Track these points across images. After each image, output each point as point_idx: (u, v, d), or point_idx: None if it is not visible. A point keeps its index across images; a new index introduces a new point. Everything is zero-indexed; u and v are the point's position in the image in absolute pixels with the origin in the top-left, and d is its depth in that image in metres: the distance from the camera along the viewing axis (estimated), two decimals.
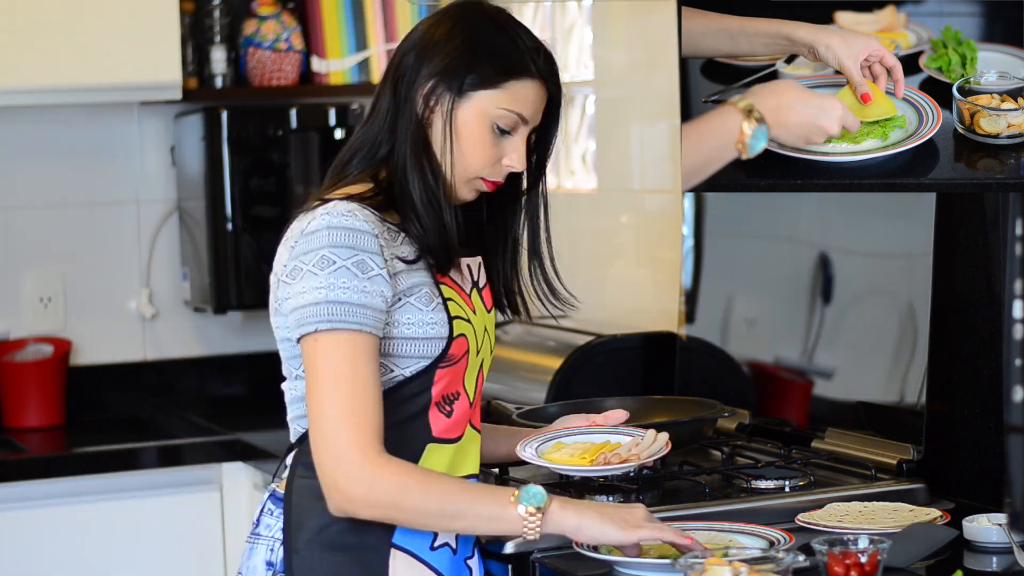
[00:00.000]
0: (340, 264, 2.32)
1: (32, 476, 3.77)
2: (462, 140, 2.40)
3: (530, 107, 2.42)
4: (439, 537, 2.41)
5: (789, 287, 3.20)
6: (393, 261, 2.35)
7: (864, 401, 3.01)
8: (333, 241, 2.32)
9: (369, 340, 2.31)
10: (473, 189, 2.44)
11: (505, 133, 2.42)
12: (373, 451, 2.28)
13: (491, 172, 2.43)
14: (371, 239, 2.33)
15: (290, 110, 4.21)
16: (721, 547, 2.39)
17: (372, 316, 2.32)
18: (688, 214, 3.46)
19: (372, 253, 2.33)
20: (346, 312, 2.31)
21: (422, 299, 2.37)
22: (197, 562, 3.86)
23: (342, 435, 2.28)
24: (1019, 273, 1.85)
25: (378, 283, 2.32)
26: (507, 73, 2.40)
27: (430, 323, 2.37)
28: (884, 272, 3.00)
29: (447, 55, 2.40)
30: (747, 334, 3.36)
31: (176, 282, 4.40)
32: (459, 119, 2.40)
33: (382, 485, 2.27)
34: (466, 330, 2.42)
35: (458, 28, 2.42)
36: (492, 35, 2.41)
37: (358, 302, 2.31)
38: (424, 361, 2.38)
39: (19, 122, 4.25)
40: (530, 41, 2.43)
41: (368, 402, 2.29)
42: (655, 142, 3.80)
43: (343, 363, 2.30)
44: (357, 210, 2.35)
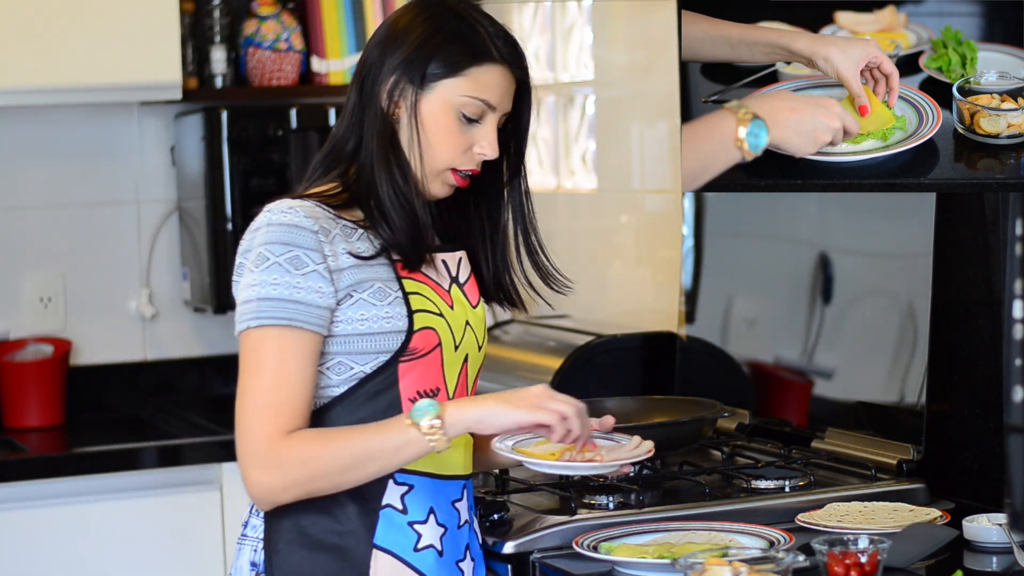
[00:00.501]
0: (273, 261, 2.33)
1: (32, 476, 3.77)
2: (428, 132, 2.39)
3: (495, 93, 2.40)
4: (423, 538, 2.38)
5: (789, 287, 3.20)
6: (339, 257, 2.34)
7: (864, 401, 3.01)
8: (269, 238, 2.34)
9: (301, 336, 2.31)
10: (444, 184, 2.42)
11: (473, 121, 2.40)
12: (280, 435, 2.28)
13: (462, 162, 2.41)
14: (309, 235, 2.33)
15: (290, 110, 4.21)
16: (721, 547, 2.39)
17: (305, 312, 2.31)
18: (688, 214, 3.46)
19: (308, 249, 2.33)
20: (275, 308, 2.31)
21: (375, 294, 2.36)
22: (197, 562, 3.86)
23: (256, 428, 2.29)
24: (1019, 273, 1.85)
25: (313, 279, 2.32)
26: (468, 59, 2.38)
27: (385, 317, 2.35)
28: (884, 272, 3.00)
29: (407, 47, 2.39)
30: (747, 334, 3.36)
31: (176, 282, 4.40)
32: (423, 111, 2.39)
33: (290, 463, 2.28)
34: (436, 324, 2.39)
35: (418, 20, 2.41)
36: (451, 23, 2.40)
37: (289, 298, 2.31)
38: (383, 356, 2.36)
39: (19, 122, 4.25)
40: (491, 27, 2.42)
41: (287, 394, 2.29)
42: (655, 142, 3.79)
43: (268, 358, 2.31)
44: (300, 207, 2.35)
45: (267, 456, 2.29)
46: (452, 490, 2.43)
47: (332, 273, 2.34)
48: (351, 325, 2.35)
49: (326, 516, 2.36)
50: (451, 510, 2.42)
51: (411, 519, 2.38)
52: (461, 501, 2.45)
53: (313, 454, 2.28)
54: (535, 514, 2.64)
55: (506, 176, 2.49)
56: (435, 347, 2.39)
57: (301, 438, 2.29)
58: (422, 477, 2.39)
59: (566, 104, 4.18)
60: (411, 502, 2.38)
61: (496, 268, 2.51)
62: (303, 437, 2.29)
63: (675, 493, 2.82)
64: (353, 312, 2.35)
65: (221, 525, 3.87)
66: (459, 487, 2.45)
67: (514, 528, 2.60)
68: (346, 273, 2.35)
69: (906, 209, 2.91)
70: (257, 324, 2.32)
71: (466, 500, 2.47)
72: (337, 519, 2.36)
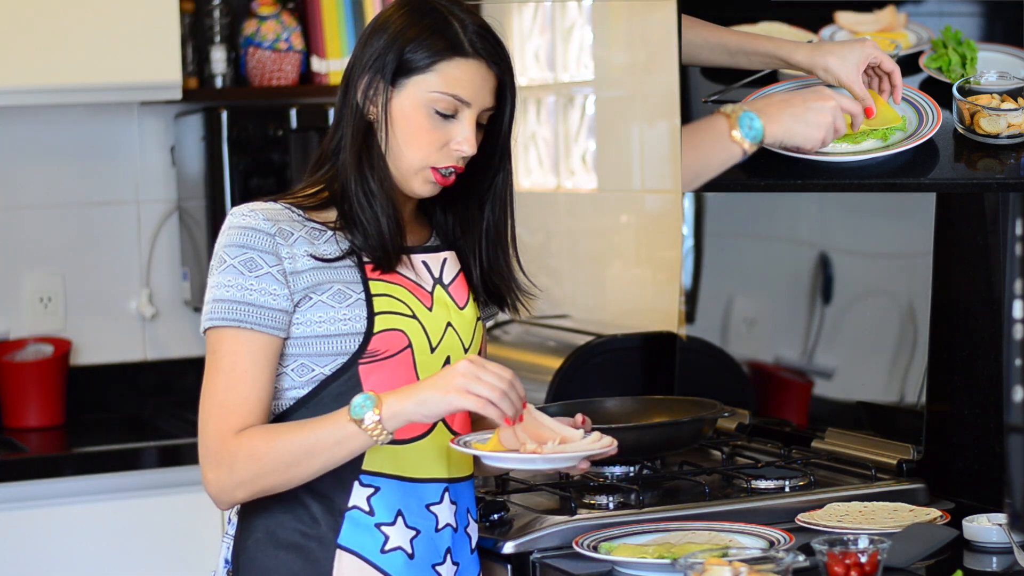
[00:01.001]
0: (229, 263, 2.34)
1: (32, 476, 3.77)
2: (402, 129, 2.37)
3: (468, 88, 2.36)
4: (390, 540, 2.37)
5: (789, 287, 3.20)
6: (297, 260, 2.34)
7: (864, 401, 3.01)
8: (228, 240, 2.35)
9: (253, 337, 2.32)
10: (426, 181, 2.39)
11: (448, 117, 2.37)
12: (230, 435, 2.30)
13: (438, 159, 2.37)
14: (264, 238, 2.33)
15: (290, 110, 4.21)
16: (721, 547, 2.39)
17: (257, 314, 2.32)
18: (688, 214, 3.46)
19: (262, 252, 2.33)
20: (228, 310, 2.33)
21: (334, 296, 2.35)
22: (197, 562, 3.86)
23: (209, 426, 2.32)
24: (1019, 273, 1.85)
25: (266, 281, 2.32)
26: (437, 54, 2.35)
27: (343, 319, 2.34)
28: (884, 272, 3.00)
29: (379, 46, 2.37)
30: (747, 334, 3.36)
31: (176, 282, 4.40)
32: (396, 108, 2.37)
33: (239, 460, 2.30)
34: (405, 325, 2.37)
35: (396, 15, 2.39)
36: (424, 19, 2.37)
37: (242, 300, 2.32)
38: (341, 358, 2.35)
39: (19, 122, 4.25)
40: (468, 20, 2.37)
41: (240, 394, 2.31)
42: (655, 142, 3.79)
43: (223, 359, 2.33)
44: (262, 209, 2.35)
45: (218, 454, 2.31)
46: (427, 493, 2.41)
47: (288, 276, 2.34)
48: (309, 327, 2.35)
49: (294, 517, 2.37)
50: (425, 513, 2.40)
51: (378, 521, 2.37)
52: (439, 504, 2.41)
53: (259, 451, 2.29)
54: (535, 514, 2.64)
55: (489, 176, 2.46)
56: (403, 349, 2.37)
57: (248, 435, 2.30)
58: (389, 479, 2.38)
59: (566, 104, 4.18)
60: (377, 504, 2.37)
61: (483, 268, 2.49)
62: (250, 434, 2.30)
63: (675, 493, 2.82)
64: (311, 314, 2.35)
65: (221, 525, 3.87)
66: (436, 490, 2.41)
67: (514, 528, 2.60)
68: (304, 275, 2.34)
69: (906, 209, 2.91)
70: (211, 325, 2.34)
71: (448, 504, 2.43)
72: (304, 520, 2.37)
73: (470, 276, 2.49)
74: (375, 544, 2.37)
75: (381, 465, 2.37)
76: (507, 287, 2.50)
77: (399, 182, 2.40)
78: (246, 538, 2.40)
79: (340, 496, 2.36)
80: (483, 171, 2.46)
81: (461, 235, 2.48)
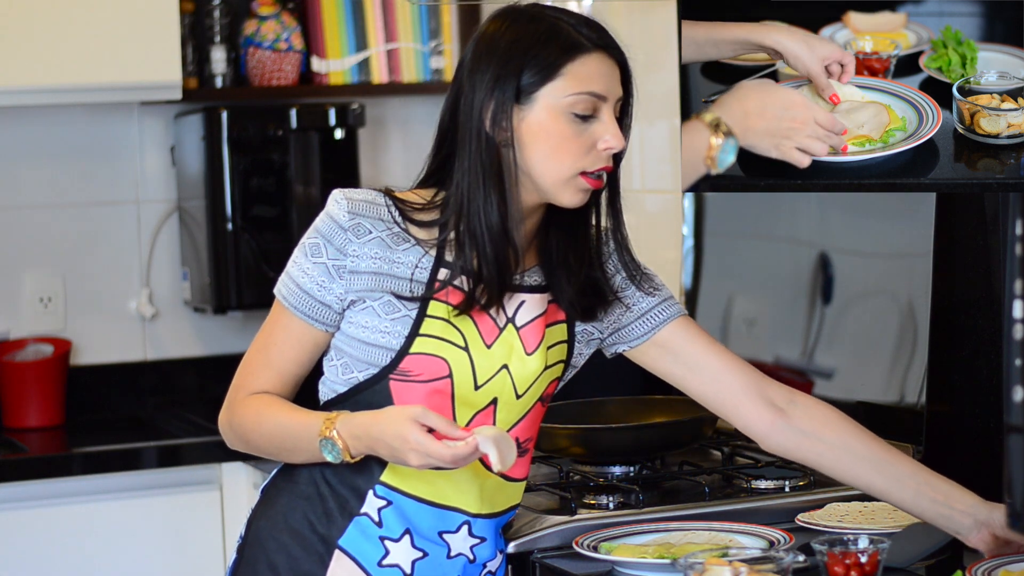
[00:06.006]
0: (304, 243, 2.38)
1: (32, 476, 3.77)
2: (543, 143, 2.27)
3: (600, 82, 2.29)
4: (390, 555, 2.37)
5: (789, 287, 3.20)
6: (363, 259, 2.31)
7: (864, 401, 3.01)
8: (315, 222, 2.38)
9: (293, 319, 2.38)
10: (578, 190, 2.29)
11: (589, 118, 2.28)
12: (242, 392, 2.40)
13: (589, 163, 2.28)
14: (336, 230, 2.33)
15: (290, 110, 4.20)
16: (721, 547, 2.39)
17: (300, 299, 2.36)
18: (688, 214, 3.46)
19: (329, 242, 2.34)
20: (284, 286, 2.39)
21: (385, 306, 2.32)
22: (197, 562, 3.86)
23: (236, 378, 2.43)
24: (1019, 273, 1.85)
25: (320, 270, 2.34)
26: (559, 58, 2.27)
27: (383, 331, 2.32)
28: (884, 272, 3.00)
29: (495, 67, 2.27)
30: (747, 334, 3.36)
31: (176, 282, 4.40)
32: (531, 124, 2.27)
33: (237, 422, 2.40)
34: (449, 354, 2.32)
35: (500, 32, 2.30)
36: (531, 29, 2.29)
37: (296, 281, 2.37)
38: (372, 368, 2.34)
39: (19, 122, 4.25)
40: (571, 18, 2.31)
41: (261, 362, 2.40)
42: (655, 142, 3.80)
43: (269, 324, 2.42)
44: (355, 200, 2.34)
45: (229, 407, 2.42)
46: (443, 520, 2.39)
47: (347, 273, 2.32)
48: (355, 329, 2.35)
49: (309, 506, 2.39)
50: (437, 540, 2.39)
51: (383, 533, 2.37)
52: (454, 534, 2.39)
53: (247, 427, 2.39)
54: (535, 514, 2.64)
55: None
56: (442, 377, 2.33)
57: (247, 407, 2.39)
58: (405, 497, 2.37)
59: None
60: (387, 517, 2.37)
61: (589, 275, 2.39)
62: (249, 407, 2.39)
63: (675, 493, 2.82)
64: (360, 317, 2.34)
65: (221, 525, 3.87)
66: (455, 520, 2.39)
67: (514, 528, 2.60)
68: (364, 277, 2.32)
69: (906, 209, 2.91)
70: (275, 293, 2.41)
71: (465, 535, 2.40)
72: (317, 512, 2.39)
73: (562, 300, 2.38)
74: (374, 555, 2.37)
75: (401, 482, 2.36)
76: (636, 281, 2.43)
77: (548, 196, 2.30)
78: (261, 515, 2.44)
79: (355, 500, 2.37)
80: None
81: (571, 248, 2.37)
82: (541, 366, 2.39)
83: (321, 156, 4.21)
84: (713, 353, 2.47)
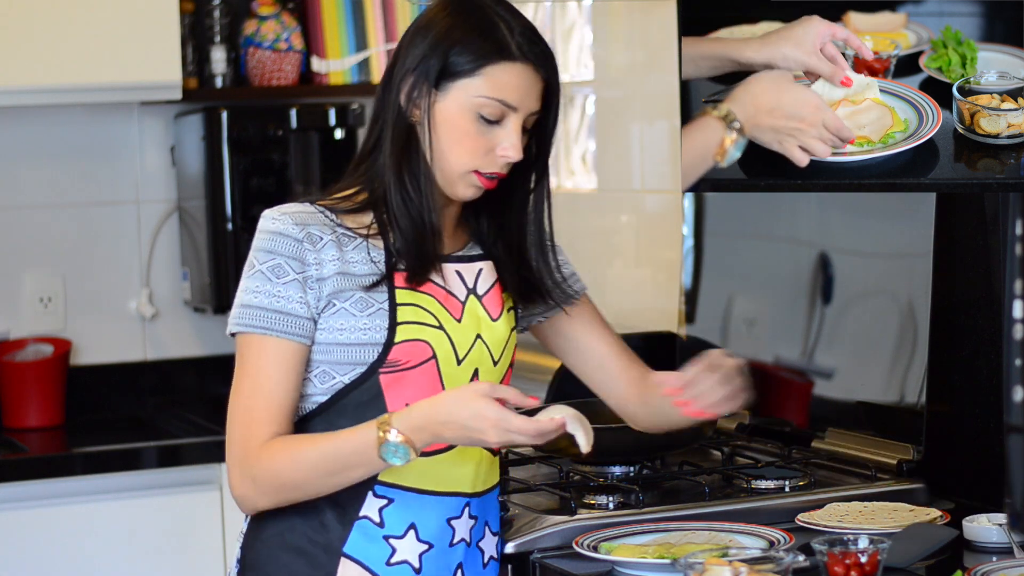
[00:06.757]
0: (258, 268, 2.32)
1: (32, 476, 3.77)
2: (446, 133, 2.31)
3: (514, 93, 2.30)
4: (396, 553, 2.36)
5: (789, 287, 3.20)
6: (324, 265, 2.31)
7: (864, 401, 3.01)
8: (258, 245, 2.33)
9: (280, 344, 2.30)
10: (470, 185, 2.34)
11: (494, 123, 2.31)
12: (255, 444, 2.29)
13: (484, 164, 2.32)
14: (292, 243, 2.30)
15: (290, 110, 4.21)
16: (721, 547, 2.39)
17: (283, 321, 2.30)
18: (688, 214, 3.46)
19: (289, 258, 2.30)
20: (255, 316, 2.31)
21: (356, 304, 2.32)
22: (197, 562, 3.86)
23: (235, 432, 2.31)
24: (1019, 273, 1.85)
25: (292, 288, 2.30)
26: (482, 58, 2.29)
27: (363, 329, 2.32)
28: (884, 272, 3.00)
29: (423, 48, 2.31)
30: (747, 334, 3.36)
31: (176, 282, 4.40)
32: (441, 112, 2.31)
33: (261, 475, 2.29)
34: (430, 336, 2.34)
35: (441, 14, 2.33)
36: (470, 21, 2.30)
37: (269, 307, 2.30)
38: (360, 368, 2.33)
39: (19, 122, 4.25)
40: (514, 22, 2.31)
41: (265, 400, 2.30)
42: (655, 142, 3.80)
43: (249, 364, 2.32)
44: (292, 213, 2.32)
45: (243, 462, 2.30)
46: (448, 507, 2.39)
47: (314, 282, 2.31)
48: (331, 334, 2.33)
49: (304, 522, 2.36)
50: (444, 528, 2.39)
51: (387, 533, 2.36)
52: (459, 519, 2.40)
53: (283, 468, 2.29)
54: (535, 514, 2.64)
55: (532, 179, 2.42)
56: (427, 360, 2.34)
57: (273, 450, 2.29)
58: (406, 492, 2.36)
59: (566, 104, 4.18)
60: (389, 516, 2.36)
61: (523, 272, 2.44)
62: (275, 449, 2.29)
63: (675, 493, 2.82)
64: (333, 321, 2.32)
65: (221, 525, 3.87)
66: (458, 504, 2.40)
67: (514, 528, 2.60)
68: (329, 282, 2.32)
69: (906, 209, 2.91)
70: (238, 330, 2.33)
71: (467, 518, 2.42)
72: (314, 525, 2.35)
73: (506, 284, 2.45)
74: (381, 556, 2.36)
75: (399, 477, 2.35)
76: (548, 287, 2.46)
77: (442, 185, 2.35)
78: (255, 538, 2.39)
79: (352, 505, 2.35)
80: (525, 174, 2.41)
81: (500, 239, 2.44)
82: (508, 329, 2.43)
83: (321, 156, 4.21)
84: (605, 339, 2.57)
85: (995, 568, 2.30)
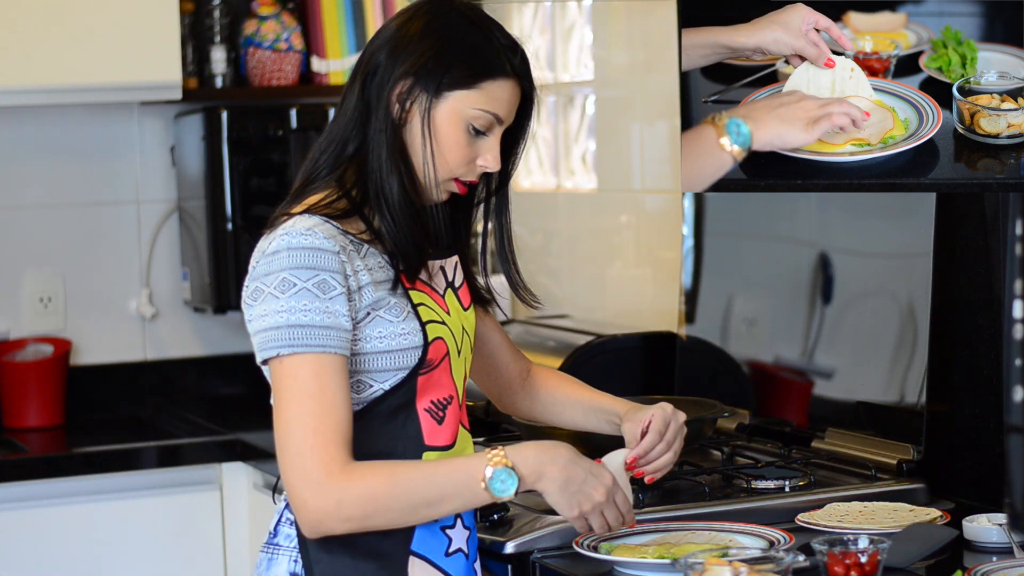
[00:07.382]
0: (301, 286, 2.27)
1: (32, 476, 3.77)
2: (439, 141, 2.35)
3: (505, 107, 2.37)
4: (453, 543, 2.38)
5: (789, 287, 3.20)
6: (359, 275, 2.31)
7: (864, 401, 3.01)
8: (293, 263, 2.28)
9: (335, 360, 2.27)
10: (446, 190, 2.39)
11: (480, 133, 2.36)
12: (337, 466, 2.23)
13: (465, 172, 2.38)
14: (332, 257, 2.28)
15: (290, 110, 4.21)
16: (721, 547, 2.39)
17: (336, 337, 2.27)
18: (688, 214, 3.46)
19: (333, 272, 2.28)
20: (308, 335, 2.26)
21: (391, 310, 2.32)
22: (197, 562, 3.86)
23: (308, 455, 2.24)
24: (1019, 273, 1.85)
25: (340, 303, 2.27)
26: (482, 73, 2.34)
27: (402, 334, 2.32)
28: (884, 272, 3.00)
29: (421, 54, 2.34)
30: (747, 334, 3.36)
31: (176, 282, 4.40)
32: (435, 119, 2.35)
33: (350, 498, 2.24)
34: (442, 332, 2.37)
35: (431, 26, 2.36)
36: (466, 33, 2.36)
37: (321, 324, 2.26)
38: (402, 372, 2.33)
39: (19, 122, 4.25)
40: (504, 39, 2.38)
41: (333, 419, 2.25)
42: (655, 142, 3.80)
43: (308, 383, 2.26)
44: (318, 226, 2.30)
45: (324, 484, 2.24)
46: None
47: (355, 293, 2.30)
48: (370, 343, 2.31)
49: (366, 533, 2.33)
50: (471, 512, 2.43)
51: (443, 524, 2.38)
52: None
53: (377, 492, 2.24)
54: (535, 514, 2.64)
55: (495, 184, 2.47)
56: (445, 356, 2.38)
57: (364, 473, 2.25)
58: None
59: (566, 104, 4.18)
60: None
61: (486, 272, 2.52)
62: (366, 472, 2.25)
63: (675, 493, 2.82)
64: (371, 330, 2.31)
65: (221, 525, 3.87)
66: None
67: (514, 528, 2.60)
68: (366, 291, 2.31)
69: (906, 209, 2.91)
70: (290, 352, 2.26)
71: None
72: (376, 533, 2.32)
73: (472, 279, 2.50)
74: (440, 547, 2.38)
75: None
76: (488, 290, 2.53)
77: (422, 188, 2.38)
78: (317, 547, 2.34)
79: None
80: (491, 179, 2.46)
81: (465, 238, 2.49)
82: (475, 317, 2.50)
83: None
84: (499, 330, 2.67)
85: (995, 568, 2.30)
